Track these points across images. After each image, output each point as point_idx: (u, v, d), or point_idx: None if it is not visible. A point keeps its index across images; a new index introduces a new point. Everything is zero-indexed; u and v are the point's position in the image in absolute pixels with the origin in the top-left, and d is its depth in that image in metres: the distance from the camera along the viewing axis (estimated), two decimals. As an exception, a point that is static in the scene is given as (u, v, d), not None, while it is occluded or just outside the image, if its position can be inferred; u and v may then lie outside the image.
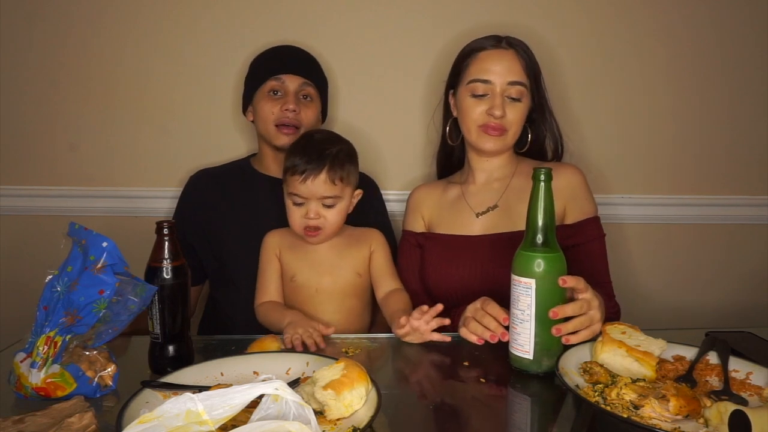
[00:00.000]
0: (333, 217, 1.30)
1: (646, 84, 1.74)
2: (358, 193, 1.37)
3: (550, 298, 0.99)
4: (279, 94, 1.46)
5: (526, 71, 1.35)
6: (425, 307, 1.15)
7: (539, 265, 0.99)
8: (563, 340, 1.00)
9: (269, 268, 1.35)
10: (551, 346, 1.00)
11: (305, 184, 1.27)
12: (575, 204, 1.35)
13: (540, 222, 1.01)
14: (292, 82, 1.46)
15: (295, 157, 1.29)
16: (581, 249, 1.32)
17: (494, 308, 1.11)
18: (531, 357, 1.00)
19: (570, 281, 0.99)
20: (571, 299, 1.03)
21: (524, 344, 1.00)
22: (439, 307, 1.15)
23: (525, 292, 0.99)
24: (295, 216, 1.31)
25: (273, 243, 1.37)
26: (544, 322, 0.99)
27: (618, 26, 1.71)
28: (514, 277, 1.02)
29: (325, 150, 1.28)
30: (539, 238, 1.01)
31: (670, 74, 1.73)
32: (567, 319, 1.00)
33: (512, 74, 1.32)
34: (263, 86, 1.47)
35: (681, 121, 1.76)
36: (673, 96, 1.74)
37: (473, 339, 1.12)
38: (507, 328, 1.06)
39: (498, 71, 1.32)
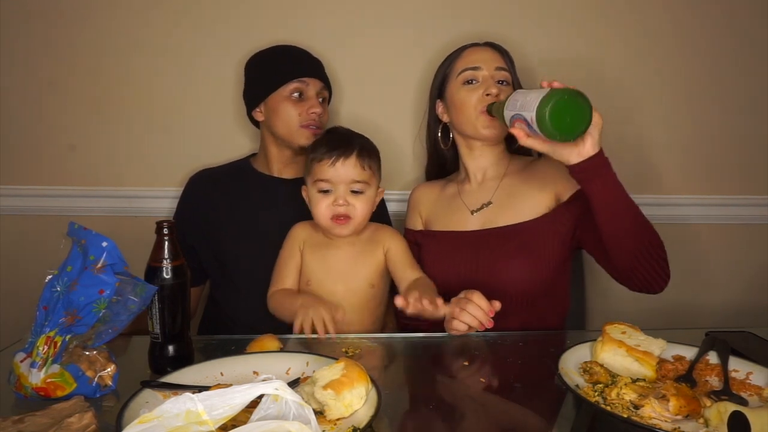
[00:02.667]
0: (361, 205, 1.28)
1: (650, 84, 1.73)
2: (381, 191, 1.36)
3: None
4: (302, 96, 1.46)
5: (507, 64, 1.41)
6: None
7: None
8: (545, 84, 1.11)
9: (290, 260, 1.33)
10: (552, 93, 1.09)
11: (335, 167, 1.26)
12: (567, 178, 1.30)
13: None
14: (314, 86, 1.48)
15: (323, 146, 1.29)
16: None
17: (479, 298, 1.15)
18: (545, 93, 1.08)
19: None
20: None
21: (534, 102, 1.08)
22: None
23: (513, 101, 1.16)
24: (322, 205, 1.28)
25: (299, 236, 1.35)
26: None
27: (623, 26, 1.71)
28: (515, 120, 1.15)
29: (352, 137, 1.32)
30: None
31: (676, 74, 1.73)
32: None
33: (497, 62, 1.39)
34: (284, 87, 1.45)
35: (683, 120, 1.76)
36: (676, 95, 1.74)
37: (462, 328, 1.15)
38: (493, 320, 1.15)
39: (484, 59, 1.39)
